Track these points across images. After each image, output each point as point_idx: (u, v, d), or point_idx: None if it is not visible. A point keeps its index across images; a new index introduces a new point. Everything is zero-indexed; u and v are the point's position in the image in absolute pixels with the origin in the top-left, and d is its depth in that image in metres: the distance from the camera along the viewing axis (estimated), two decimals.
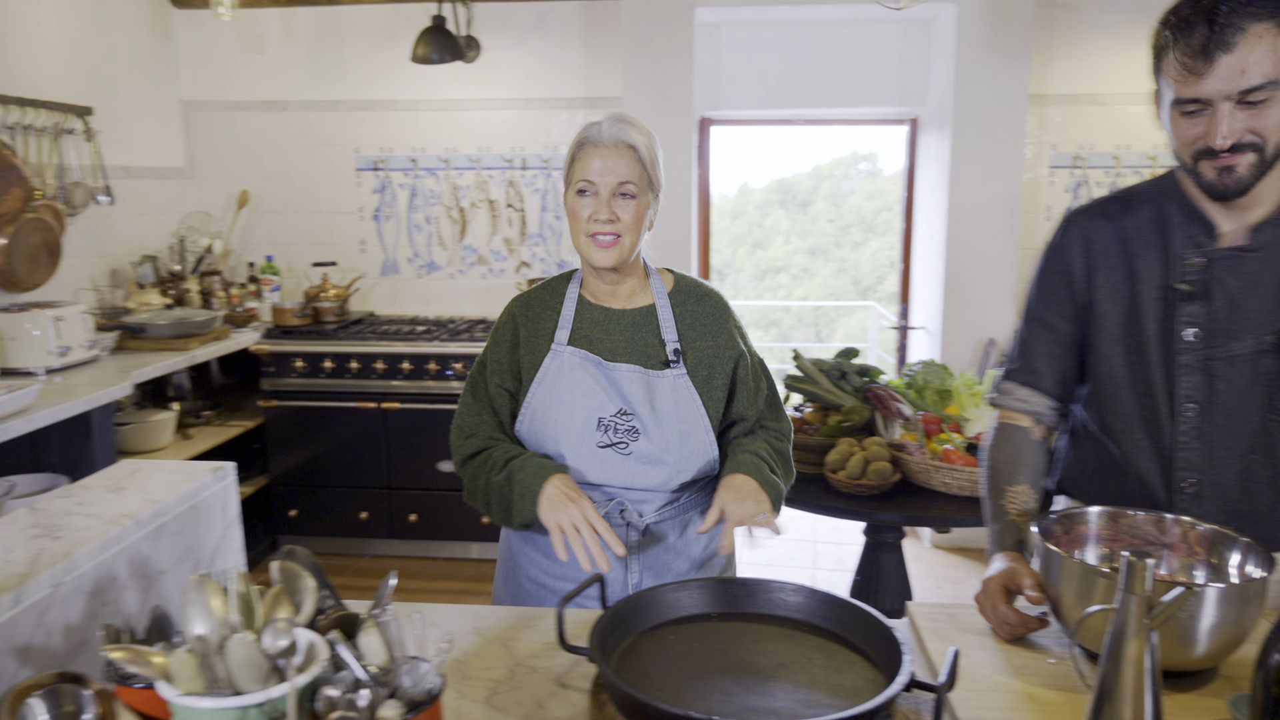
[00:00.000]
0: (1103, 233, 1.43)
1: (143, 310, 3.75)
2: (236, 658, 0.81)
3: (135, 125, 4.12)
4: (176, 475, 1.27)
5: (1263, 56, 1.19)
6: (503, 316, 1.68)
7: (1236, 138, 1.23)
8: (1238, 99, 1.21)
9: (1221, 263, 1.32)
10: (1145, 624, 0.89)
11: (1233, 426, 1.32)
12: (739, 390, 1.65)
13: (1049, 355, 1.49)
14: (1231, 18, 1.19)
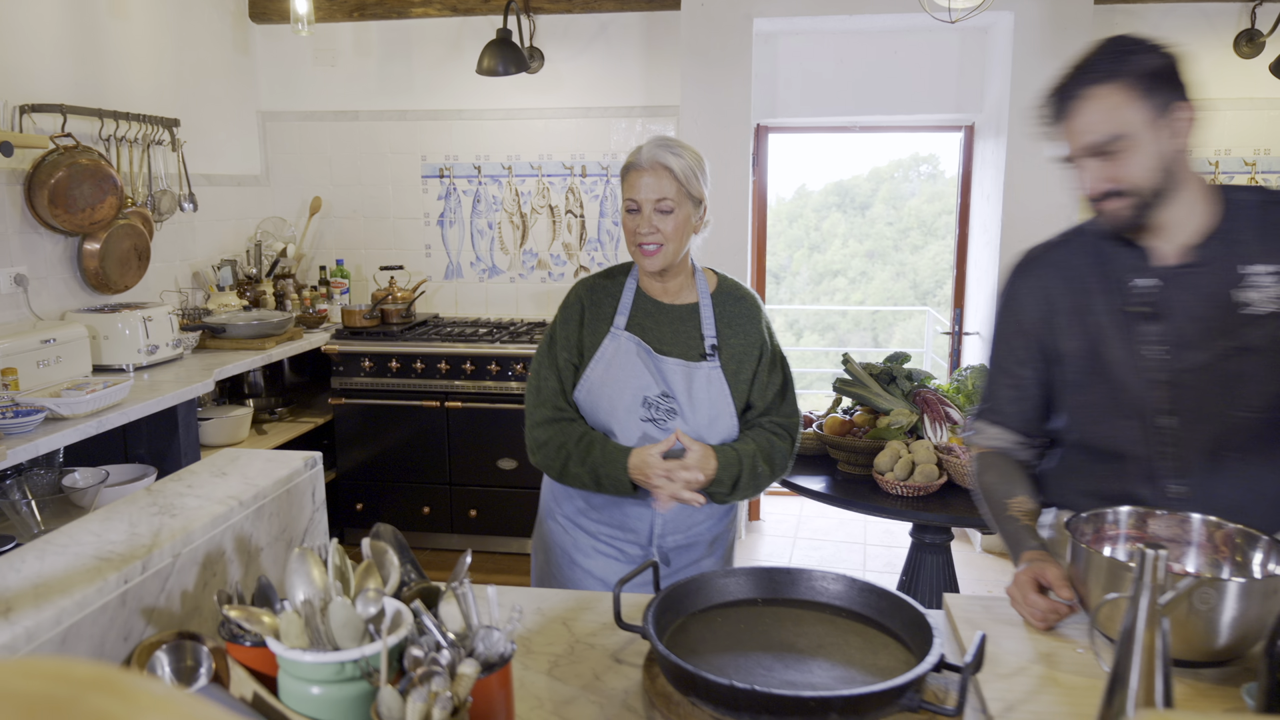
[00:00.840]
0: (1049, 278, 1.55)
1: (222, 311, 3.95)
2: (337, 619, 0.93)
3: (217, 135, 4.34)
4: (273, 463, 1.40)
5: (1103, 116, 1.34)
6: (570, 297, 1.94)
7: (1102, 187, 1.38)
8: (1093, 154, 1.36)
9: (1173, 282, 1.43)
10: (1157, 611, 0.96)
11: (1208, 431, 1.42)
12: (756, 381, 1.90)
13: (1012, 398, 1.61)
14: (1073, 87, 1.37)
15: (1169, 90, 1.34)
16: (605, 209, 4.57)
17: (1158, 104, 1.33)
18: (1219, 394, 1.41)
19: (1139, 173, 1.35)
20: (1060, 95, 1.38)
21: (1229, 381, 1.40)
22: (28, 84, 3.18)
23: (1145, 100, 1.33)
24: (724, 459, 1.81)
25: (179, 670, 1.03)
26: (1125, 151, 1.34)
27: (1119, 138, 1.34)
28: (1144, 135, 1.34)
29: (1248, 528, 1.28)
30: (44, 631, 0.91)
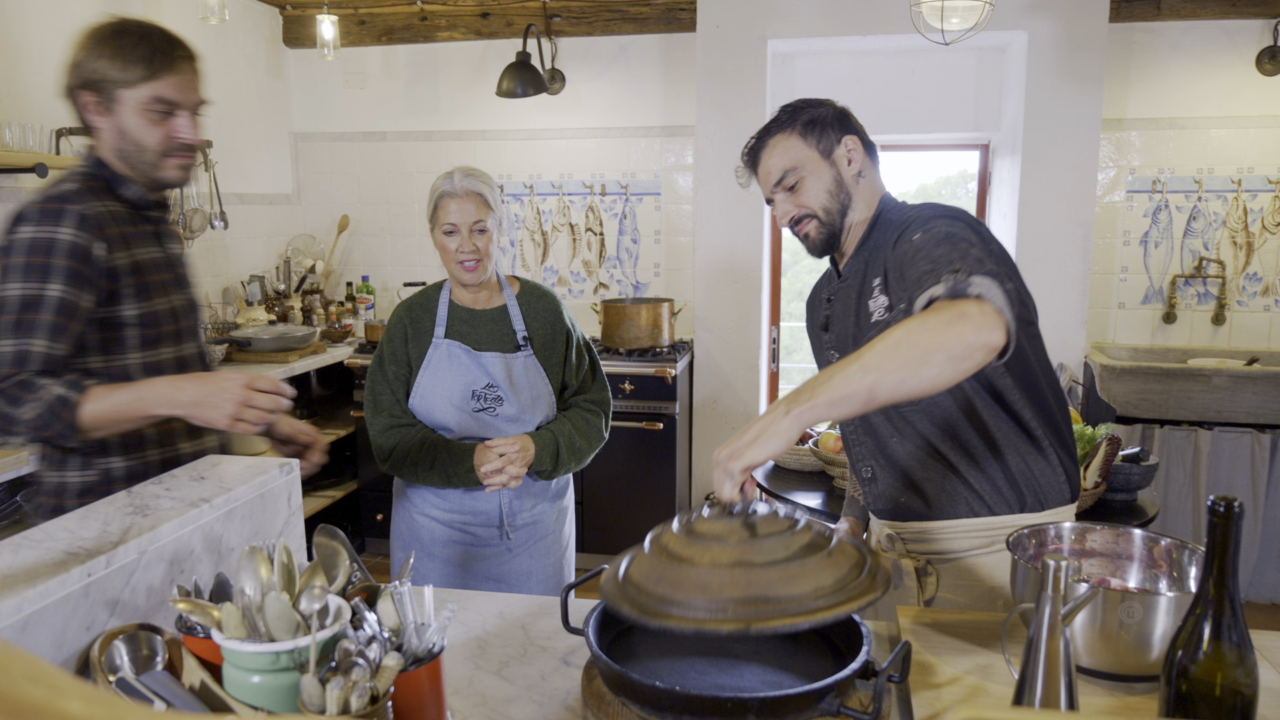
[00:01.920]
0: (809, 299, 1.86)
1: (249, 325, 4.09)
2: (271, 611, 1.00)
3: (249, 156, 4.50)
4: (250, 469, 1.48)
5: (778, 156, 1.62)
6: (392, 319, 2.19)
7: (790, 214, 1.64)
8: (776, 191, 1.64)
9: (836, 296, 1.70)
10: (1059, 620, 0.99)
11: (867, 421, 1.66)
12: (567, 365, 2.22)
13: None
14: (756, 144, 1.66)
15: (833, 131, 1.61)
16: (624, 227, 4.64)
17: (822, 141, 1.60)
18: None
19: (814, 195, 1.61)
20: (750, 151, 1.66)
21: None
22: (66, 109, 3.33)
23: (811, 139, 1.60)
24: (540, 441, 2.11)
25: (136, 659, 1.10)
26: (801, 181, 1.61)
27: (794, 170, 1.60)
28: (814, 166, 1.60)
29: (1184, 540, 1.29)
30: (4, 618, 0.98)
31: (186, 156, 1.66)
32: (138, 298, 1.61)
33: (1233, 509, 0.92)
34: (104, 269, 1.55)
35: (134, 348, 1.62)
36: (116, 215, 1.60)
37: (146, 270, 1.63)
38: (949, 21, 2.56)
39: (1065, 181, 3.90)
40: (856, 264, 1.64)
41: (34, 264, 1.50)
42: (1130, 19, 4.01)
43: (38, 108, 3.22)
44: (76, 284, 1.52)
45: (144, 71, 1.57)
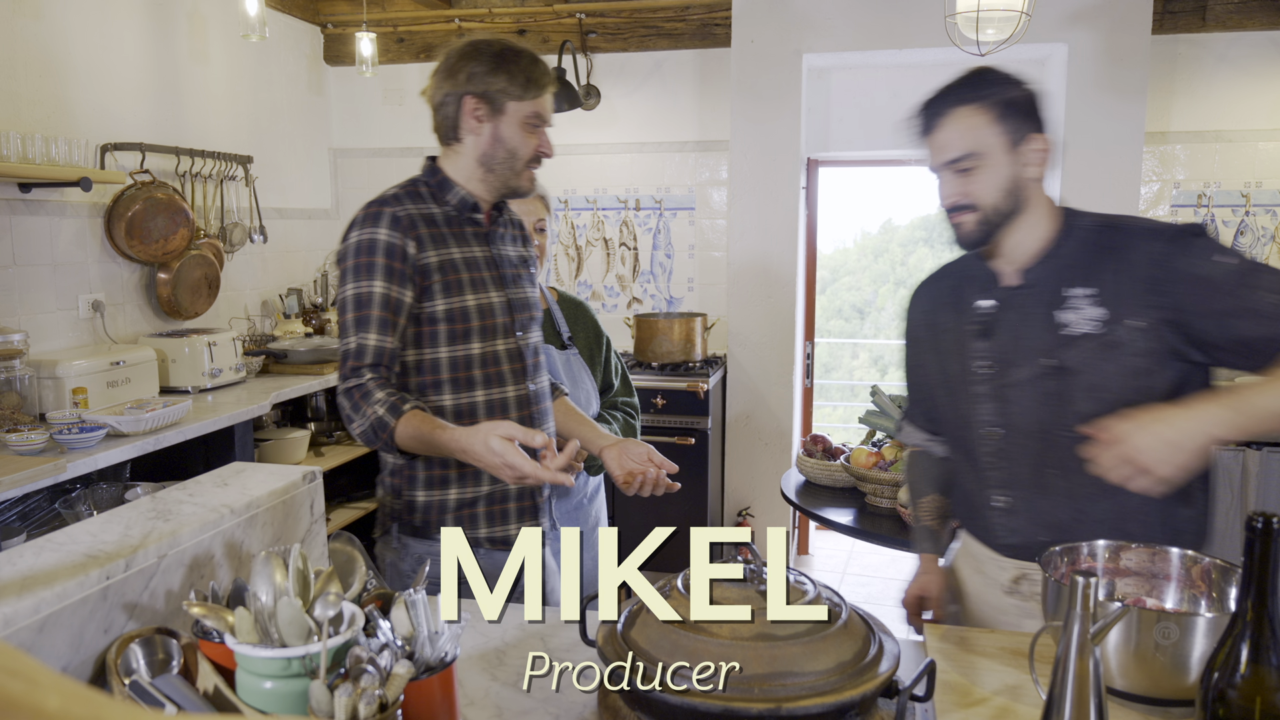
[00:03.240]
0: (925, 298, 1.71)
1: (286, 338, 4.14)
2: (284, 617, 0.99)
3: (289, 171, 4.57)
4: (273, 476, 1.48)
5: (961, 134, 1.45)
6: None
7: (953, 200, 1.49)
8: (949, 168, 1.47)
9: (1004, 302, 1.53)
10: (1088, 639, 0.95)
11: (1028, 445, 1.50)
12: (608, 365, 2.37)
13: (915, 400, 1.79)
14: (938, 105, 1.49)
15: (1025, 121, 1.45)
16: (658, 242, 4.64)
17: (1013, 131, 1.45)
18: (1041, 411, 1.48)
19: (987, 191, 1.46)
20: (927, 112, 1.50)
21: (1050, 399, 1.47)
22: (111, 124, 3.41)
23: (1001, 125, 1.44)
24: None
25: (152, 663, 1.10)
26: (977, 170, 1.46)
27: (973, 156, 1.45)
28: (996, 157, 1.45)
29: (1225, 560, 1.24)
30: (21, 618, 0.99)
31: (536, 167, 1.78)
32: (446, 294, 1.70)
33: (1272, 525, 0.89)
34: (417, 266, 1.68)
35: (443, 342, 1.73)
36: (430, 217, 1.71)
37: (458, 268, 1.72)
38: (984, 33, 2.52)
39: (1107, 195, 3.82)
40: (1043, 273, 1.49)
41: (360, 264, 1.66)
42: (1174, 30, 3.93)
43: (83, 123, 3.30)
44: (397, 281, 1.66)
45: (533, 89, 1.71)
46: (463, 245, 1.74)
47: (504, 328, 1.77)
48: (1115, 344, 1.41)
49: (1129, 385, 1.41)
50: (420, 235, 1.68)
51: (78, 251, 3.30)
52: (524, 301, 1.81)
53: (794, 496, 2.82)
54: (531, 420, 1.80)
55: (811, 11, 3.95)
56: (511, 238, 1.86)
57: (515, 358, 1.79)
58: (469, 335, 1.73)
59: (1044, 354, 1.46)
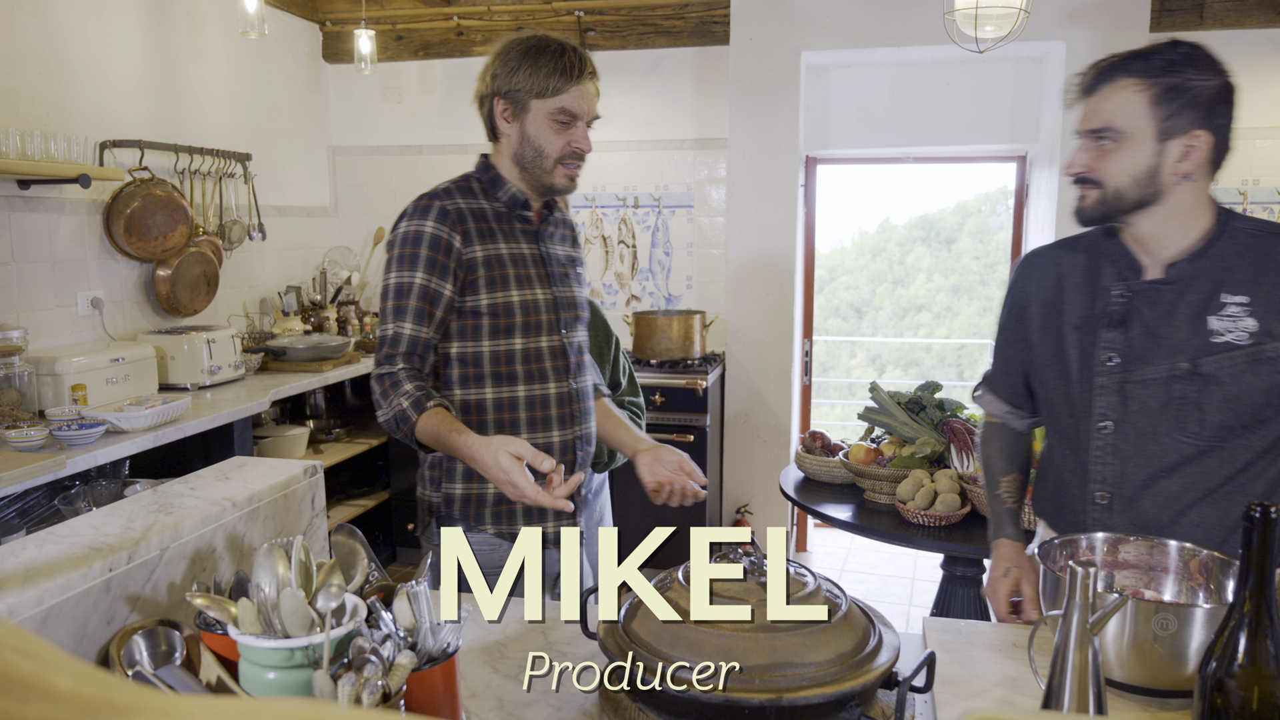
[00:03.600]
0: (1044, 271, 1.59)
1: (285, 335, 4.14)
2: (286, 607, 0.99)
3: (288, 169, 4.57)
4: (275, 470, 1.49)
5: (1114, 107, 1.36)
6: None
7: (1079, 169, 1.42)
8: (1089, 136, 1.40)
9: (1142, 295, 1.45)
10: (1087, 628, 0.96)
11: (1143, 445, 1.43)
12: (616, 362, 2.38)
13: (1003, 370, 1.71)
14: (1106, 70, 1.39)
15: (1190, 112, 1.33)
16: (657, 240, 4.64)
17: (1168, 120, 1.33)
18: (1165, 414, 1.41)
19: (1115, 172, 1.37)
20: (1090, 72, 1.41)
21: (1177, 404, 1.40)
22: (110, 121, 3.41)
23: (1157, 110, 1.33)
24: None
25: (155, 654, 1.10)
26: (1115, 149, 1.37)
27: (1113, 131, 1.36)
28: (1139, 142, 1.35)
29: (1223, 554, 1.25)
30: (25, 610, 0.99)
31: (576, 165, 1.74)
32: (490, 288, 1.71)
33: (1269, 514, 0.89)
34: (462, 260, 1.70)
35: (485, 336, 1.74)
36: (480, 212, 1.73)
37: (504, 264, 1.73)
38: (983, 30, 2.53)
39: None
40: (1194, 271, 1.41)
41: (405, 254, 1.70)
42: (1172, 28, 3.94)
43: (82, 120, 3.29)
44: (438, 273, 1.69)
45: (554, 84, 1.67)
46: (511, 241, 1.75)
47: (548, 324, 1.77)
48: (1263, 359, 1.35)
49: (1268, 403, 1.36)
50: (468, 230, 1.70)
51: (77, 248, 3.30)
52: (570, 300, 1.81)
53: (792, 493, 2.83)
54: (572, 418, 1.80)
55: (810, 9, 3.95)
56: (561, 236, 1.85)
57: (558, 355, 1.79)
58: (511, 330, 1.74)
59: (1183, 357, 1.39)
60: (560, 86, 1.67)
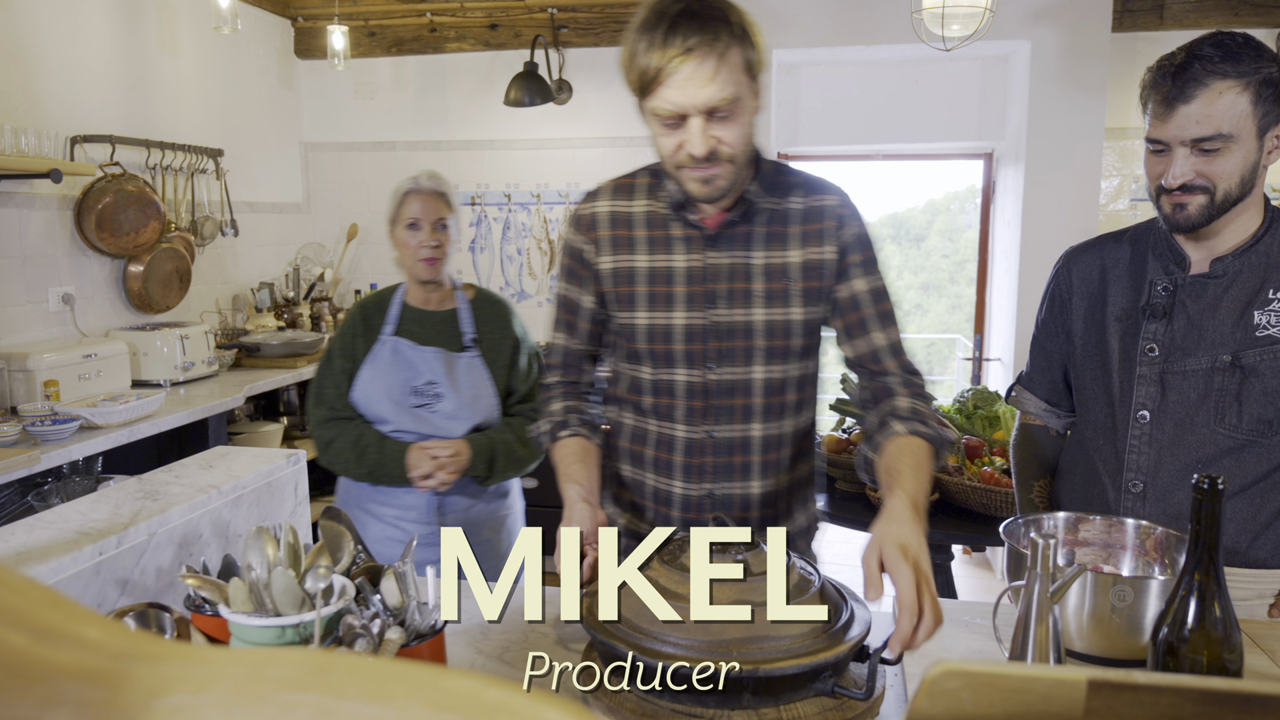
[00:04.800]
0: (1087, 264, 1.61)
1: (258, 332, 4.13)
2: (278, 586, 1.02)
3: (260, 165, 4.55)
4: (257, 458, 1.51)
5: (1218, 111, 1.32)
6: (347, 315, 2.26)
7: (1186, 179, 1.37)
8: (1191, 145, 1.35)
9: (1186, 288, 1.46)
10: (1047, 598, 1.01)
11: (1180, 436, 1.45)
12: (514, 371, 2.24)
13: (1042, 367, 1.72)
14: (1196, 73, 1.33)
15: (1278, 105, 1.34)
16: None
17: (1265, 115, 1.34)
18: (1204, 405, 1.43)
19: (1226, 175, 1.36)
20: (1180, 78, 1.34)
21: (1216, 395, 1.42)
22: (80, 116, 3.39)
23: (1257, 108, 1.33)
24: (476, 446, 2.12)
25: None
26: (1224, 152, 1.35)
27: (1226, 137, 1.34)
28: (1245, 142, 1.35)
29: (1178, 530, 1.31)
30: None
31: (705, 168, 1.33)
32: (616, 306, 1.51)
33: (1217, 486, 0.94)
34: (594, 270, 1.51)
35: (622, 357, 1.55)
36: (626, 217, 1.48)
37: (633, 279, 1.47)
38: (950, 28, 2.59)
39: (1069, 190, 3.92)
40: (1241, 265, 1.42)
41: (561, 264, 1.59)
42: (1133, 29, 4.03)
43: (53, 114, 3.27)
44: (577, 283, 1.55)
45: (643, 86, 1.31)
46: (658, 251, 1.46)
47: (685, 356, 1.47)
48: None
49: None
50: (599, 237, 1.49)
51: (47, 244, 3.28)
52: (738, 327, 1.45)
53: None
54: (701, 471, 1.50)
55: (781, 8, 4.01)
56: (772, 238, 1.44)
57: (695, 393, 1.48)
58: (637, 357, 1.51)
59: (1225, 349, 1.41)
60: (648, 86, 1.29)
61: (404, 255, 2.18)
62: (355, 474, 2.15)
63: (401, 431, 2.16)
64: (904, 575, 1.12)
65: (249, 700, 0.48)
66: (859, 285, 1.45)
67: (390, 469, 2.11)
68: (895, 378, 1.46)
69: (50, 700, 0.45)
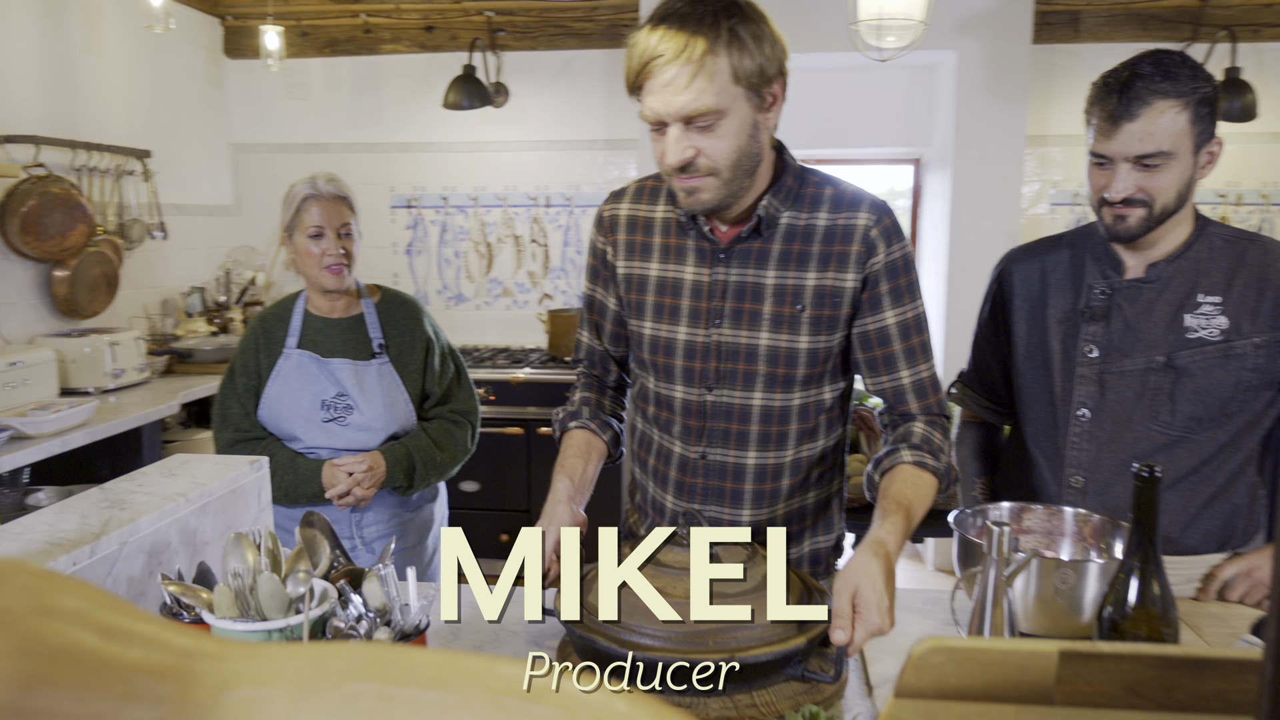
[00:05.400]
0: (1027, 268, 1.68)
1: (190, 337, 4.04)
2: (264, 591, 1.03)
3: (189, 166, 4.45)
4: (220, 465, 1.50)
5: (1160, 129, 1.40)
6: (246, 331, 2.17)
7: (1128, 193, 1.44)
8: (1134, 161, 1.43)
9: (1122, 292, 1.55)
10: (1002, 581, 1.08)
11: (1118, 433, 1.53)
12: (428, 373, 2.15)
13: (983, 366, 1.78)
14: (1140, 91, 1.39)
15: (1210, 123, 1.43)
16: (569, 238, 4.70)
17: (1201, 133, 1.42)
18: (1139, 404, 1.51)
19: (1165, 189, 1.43)
20: (1125, 96, 1.40)
21: (1151, 394, 1.51)
22: (3, 116, 3.28)
23: (1195, 126, 1.40)
24: (392, 457, 2.05)
25: None
26: (1164, 168, 1.41)
27: (1166, 154, 1.40)
28: (1183, 158, 1.42)
29: (1113, 517, 1.40)
30: None
31: (685, 179, 1.30)
32: (628, 312, 1.50)
33: (1155, 475, 1.02)
34: (613, 271, 1.50)
35: (636, 363, 1.54)
36: (647, 221, 1.46)
37: (645, 287, 1.45)
38: (885, 40, 2.69)
39: (993, 194, 4.08)
40: (1173, 271, 1.50)
41: (587, 262, 1.58)
42: (1052, 40, 4.22)
43: None
44: (601, 283, 1.54)
45: (627, 79, 1.29)
46: (670, 261, 1.43)
47: (684, 373, 1.43)
48: (1233, 355, 1.46)
49: (1233, 397, 1.47)
50: (617, 241, 1.48)
51: None
52: (733, 349, 1.40)
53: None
54: (691, 491, 1.47)
55: None
56: (786, 256, 1.38)
57: (691, 412, 1.44)
58: (644, 367, 1.50)
59: (1160, 351, 1.49)
60: (632, 80, 1.28)
61: (306, 265, 2.05)
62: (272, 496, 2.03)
63: (314, 449, 2.08)
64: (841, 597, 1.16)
65: (314, 691, 0.51)
66: (888, 318, 1.39)
67: (305, 489, 2.02)
68: (917, 421, 1.42)
69: (128, 696, 0.47)
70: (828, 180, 1.43)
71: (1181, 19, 4.11)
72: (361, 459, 2.03)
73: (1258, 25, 4.09)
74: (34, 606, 0.47)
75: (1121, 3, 4.12)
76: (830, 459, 1.52)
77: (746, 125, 1.29)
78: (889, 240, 1.37)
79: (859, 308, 1.39)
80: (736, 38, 1.24)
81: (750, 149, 1.31)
